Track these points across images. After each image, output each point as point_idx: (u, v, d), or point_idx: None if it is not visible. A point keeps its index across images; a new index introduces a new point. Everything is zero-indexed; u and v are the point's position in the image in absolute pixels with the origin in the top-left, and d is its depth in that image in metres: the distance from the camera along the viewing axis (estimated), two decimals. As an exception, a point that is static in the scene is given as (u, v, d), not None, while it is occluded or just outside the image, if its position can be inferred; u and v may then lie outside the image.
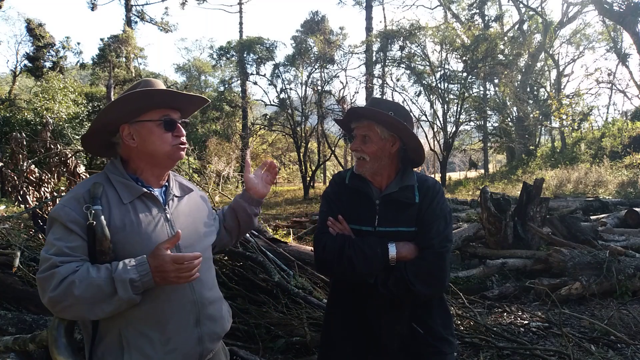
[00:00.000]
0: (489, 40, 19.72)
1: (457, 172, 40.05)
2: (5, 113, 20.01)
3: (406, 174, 1.78)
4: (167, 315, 1.39)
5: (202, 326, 1.46)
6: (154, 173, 1.52)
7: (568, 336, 3.39)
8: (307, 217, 11.41)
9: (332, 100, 23.99)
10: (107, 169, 1.51)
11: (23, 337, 2.23)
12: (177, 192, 1.58)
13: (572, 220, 6.22)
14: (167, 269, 1.31)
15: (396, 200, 1.73)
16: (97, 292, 1.27)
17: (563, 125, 21.94)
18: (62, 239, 1.35)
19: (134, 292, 1.30)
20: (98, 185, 1.42)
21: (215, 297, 1.57)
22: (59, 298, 1.28)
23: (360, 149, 1.73)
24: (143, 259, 1.33)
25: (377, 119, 1.72)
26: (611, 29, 25.35)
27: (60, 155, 5.36)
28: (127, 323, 1.37)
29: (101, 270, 1.30)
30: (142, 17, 28.71)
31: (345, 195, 1.81)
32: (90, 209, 1.35)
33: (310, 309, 3.34)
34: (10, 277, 3.17)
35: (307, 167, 23.51)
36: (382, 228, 1.71)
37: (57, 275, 1.28)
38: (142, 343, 1.37)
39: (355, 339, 1.74)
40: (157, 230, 1.43)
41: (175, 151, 1.50)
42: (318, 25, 26.75)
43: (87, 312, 1.31)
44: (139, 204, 1.44)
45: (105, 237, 1.34)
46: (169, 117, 1.49)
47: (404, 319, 1.70)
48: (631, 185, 13.50)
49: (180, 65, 32.41)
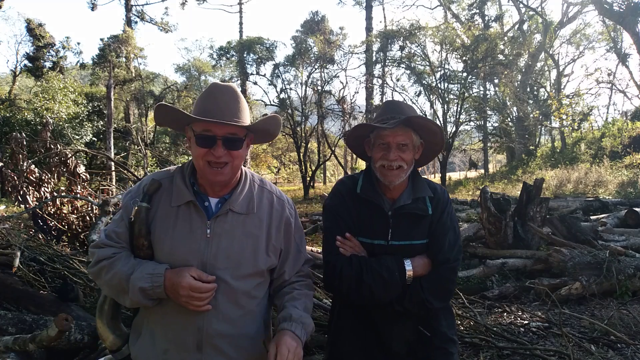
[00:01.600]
0: (489, 40, 19.70)
1: (457, 172, 40.06)
2: (5, 113, 20.00)
3: (417, 183, 1.73)
4: (170, 327, 1.39)
5: (204, 354, 1.37)
6: (207, 184, 1.42)
7: (568, 336, 3.38)
8: (307, 217, 11.40)
9: (332, 100, 24.00)
10: (182, 165, 1.49)
11: (23, 337, 2.23)
12: (238, 208, 1.41)
13: (572, 220, 6.22)
14: (180, 292, 1.30)
15: (410, 213, 1.67)
16: (119, 284, 1.34)
17: (563, 125, 21.93)
18: (116, 222, 1.44)
19: (145, 299, 1.33)
20: (154, 183, 1.42)
21: (234, 333, 1.39)
22: (94, 275, 1.42)
23: (399, 157, 1.62)
24: (161, 269, 1.33)
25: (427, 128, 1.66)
26: (611, 29, 25.33)
27: (60, 155, 5.37)
28: (148, 315, 1.43)
29: (128, 265, 1.35)
30: (142, 17, 28.69)
31: (354, 206, 1.70)
32: (137, 204, 1.38)
33: (310, 309, 3.34)
34: (10, 277, 3.17)
35: (307, 167, 23.51)
36: (396, 242, 1.66)
37: (96, 255, 1.39)
38: (148, 339, 1.42)
39: (365, 346, 1.71)
40: (190, 242, 1.36)
41: (206, 169, 1.35)
42: (318, 25, 26.77)
43: (114, 295, 1.41)
44: (184, 210, 1.39)
45: (142, 234, 1.37)
46: (207, 134, 1.33)
47: (411, 326, 1.69)
48: (631, 185, 13.49)
49: (180, 65, 32.35)
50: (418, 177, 1.76)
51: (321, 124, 23.49)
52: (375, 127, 1.66)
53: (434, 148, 1.76)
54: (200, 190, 1.43)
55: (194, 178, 1.45)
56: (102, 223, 3.75)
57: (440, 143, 1.74)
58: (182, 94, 27.60)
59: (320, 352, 2.99)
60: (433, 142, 1.73)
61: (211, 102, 1.35)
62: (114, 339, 1.50)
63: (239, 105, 1.38)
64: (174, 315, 1.37)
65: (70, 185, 5.43)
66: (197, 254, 1.36)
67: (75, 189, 5.34)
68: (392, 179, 1.62)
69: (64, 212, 5.18)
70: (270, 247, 1.46)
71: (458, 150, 29.99)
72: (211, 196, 1.43)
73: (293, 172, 37.98)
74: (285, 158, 35.71)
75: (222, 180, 1.38)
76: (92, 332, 2.49)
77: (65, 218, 5.16)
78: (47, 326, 2.23)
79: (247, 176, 1.50)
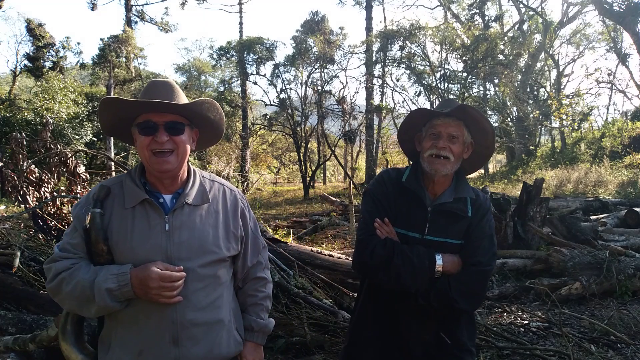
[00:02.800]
0: (489, 40, 19.71)
1: (457, 172, 39.98)
2: (5, 113, 19.99)
3: (461, 184, 1.73)
4: (143, 326, 1.37)
5: (181, 347, 1.38)
6: (157, 179, 1.46)
7: (568, 336, 3.38)
8: (307, 217, 11.41)
9: (332, 100, 24.00)
10: (130, 170, 1.51)
11: (23, 337, 2.23)
12: (192, 201, 1.46)
13: (572, 220, 6.22)
14: (150, 285, 1.30)
15: (449, 212, 1.67)
16: (82, 292, 1.31)
17: (563, 125, 21.93)
18: (69, 234, 1.42)
19: (112, 301, 1.31)
20: (103, 189, 1.43)
21: (209, 319, 1.43)
22: (54, 291, 1.36)
23: (449, 147, 1.63)
24: (126, 268, 1.33)
25: (480, 124, 1.67)
26: (611, 29, 25.33)
27: (60, 155, 5.36)
28: (116, 323, 1.40)
29: (90, 272, 1.33)
30: (142, 17, 28.67)
31: (395, 195, 1.72)
32: (89, 211, 1.37)
33: (310, 309, 3.34)
34: (10, 277, 3.17)
35: (307, 167, 23.51)
36: (431, 237, 1.66)
37: (53, 269, 1.36)
38: (120, 346, 1.39)
39: (385, 340, 1.71)
40: (150, 239, 1.38)
41: (152, 160, 1.39)
42: (318, 25, 26.72)
43: (77, 308, 1.37)
44: (140, 210, 1.41)
45: (99, 240, 1.36)
46: (148, 122, 1.39)
47: (432, 328, 1.67)
48: (631, 185, 13.48)
49: (180, 65, 32.42)
50: (463, 178, 1.76)
51: (321, 124, 23.48)
52: (430, 115, 1.69)
53: (484, 152, 1.77)
54: (152, 189, 1.46)
55: (145, 178, 1.47)
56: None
57: (490, 147, 1.74)
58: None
59: (320, 352, 2.99)
60: (483, 145, 1.74)
61: (150, 94, 1.41)
62: (83, 358, 1.47)
63: (175, 94, 1.44)
64: (145, 314, 1.36)
65: (70, 185, 5.42)
66: (159, 249, 1.37)
67: (75, 189, 5.34)
68: (438, 167, 1.63)
69: (64, 212, 5.18)
70: (229, 234, 1.51)
71: (458, 150, 29.93)
72: (164, 193, 1.46)
73: (293, 172, 37.97)
74: (285, 158, 35.70)
75: (168, 168, 1.40)
76: (92, 332, 2.49)
77: (65, 218, 5.15)
78: (47, 326, 2.23)
79: (196, 172, 1.55)
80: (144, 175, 1.48)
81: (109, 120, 1.48)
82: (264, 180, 28.79)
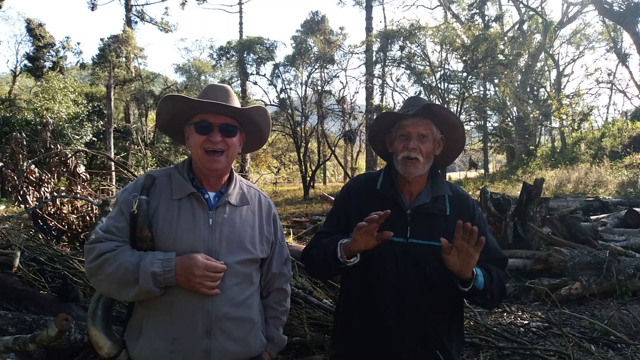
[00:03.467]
0: (489, 40, 19.69)
1: (457, 172, 40.03)
2: (5, 113, 19.98)
3: (437, 181, 1.72)
4: (178, 315, 1.41)
5: (213, 339, 1.42)
6: (204, 177, 1.54)
7: (568, 336, 3.38)
8: (307, 217, 11.40)
9: (332, 100, 24.01)
10: (177, 164, 1.59)
11: (23, 337, 2.23)
12: (233, 201, 1.55)
13: (572, 220, 6.22)
14: (195, 273, 1.36)
15: (428, 213, 1.66)
16: (125, 274, 1.35)
17: (563, 125, 21.92)
18: (114, 218, 1.46)
19: (155, 285, 1.35)
20: (149, 178, 1.51)
21: (240, 315, 1.49)
22: (94, 270, 1.39)
23: (419, 148, 1.63)
24: (171, 255, 1.39)
25: (448, 120, 1.67)
26: (611, 29, 25.32)
27: (60, 155, 5.37)
28: (149, 311, 1.44)
29: (134, 255, 1.38)
30: (142, 17, 28.65)
31: (370, 202, 1.68)
32: (136, 198, 1.44)
33: (310, 309, 3.34)
34: (10, 277, 3.17)
35: (307, 167, 23.51)
36: (415, 240, 1.64)
37: (97, 249, 1.39)
38: (153, 333, 1.42)
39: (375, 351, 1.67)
40: (194, 231, 1.45)
41: (204, 157, 1.47)
42: (318, 25, 26.73)
43: (115, 291, 1.40)
44: (186, 202, 1.49)
45: (144, 226, 1.42)
46: (205, 122, 1.48)
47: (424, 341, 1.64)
48: (631, 185, 13.49)
49: (180, 65, 32.30)
50: (438, 176, 1.76)
51: (321, 124, 23.50)
52: (397, 117, 1.69)
53: (455, 145, 1.77)
54: (199, 185, 1.54)
55: (192, 174, 1.55)
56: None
57: (461, 140, 1.74)
58: (182, 94, 27.57)
59: (320, 352, 2.99)
60: (454, 139, 1.74)
61: (208, 96, 1.51)
62: (111, 345, 1.45)
63: (231, 98, 1.55)
64: (182, 302, 1.41)
65: (70, 185, 5.42)
66: (202, 241, 1.44)
67: (75, 189, 5.34)
68: (411, 170, 1.63)
69: (64, 212, 5.18)
70: (263, 237, 1.60)
71: (458, 150, 29.92)
72: (209, 190, 1.55)
73: (293, 172, 37.95)
74: (285, 158, 35.68)
75: (218, 168, 1.49)
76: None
77: (65, 218, 5.15)
78: (47, 326, 2.23)
79: (236, 175, 1.65)
80: (191, 170, 1.56)
81: (167, 116, 1.56)
82: (264, 180, 28.79)
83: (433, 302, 1.64)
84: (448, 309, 1.68)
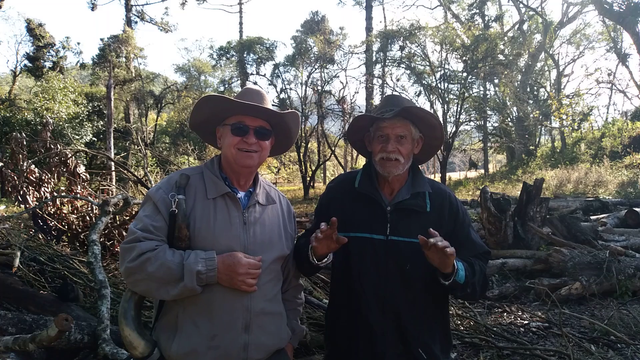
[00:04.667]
0: (489, 40, 19.68)
1: (457, 172, 40.04)
2: (5, 113, 19.97)
3: (417, 178, 1.72)
4: (217, 312, 1.44)
5: (250, 334, 1.47)
6: (235, 176, 1.58)
7: (568, 336, 3.38)
8: (307, 217, 11.40)
9: (332, 100, 23.99)
10: (206, 163, 1.62)
11: (23, 337, 2.23)
12: (261, 200, 1.61)
13: (572, 220, 6.22)
14: (238, 271, 1.40)
15: (408, 209, 1.66)
16: (167, 273, 1.36)
17: (563, 125, 21.91)
18: (150, 216, 1.46)
19: (198, 283, 1.38)
20: (184, 177, 1.53)
21: (273, 310, 1.57)
22: (134, 270, 1.39)
23: (398, 149, 1.63)
24: (213, 254, 1.42)
25: (426, 120, 1.67)
26: (611, 29, 25.33)
27: (60, 155, 5.37)
28: (184, 308, 1.45)
29: (175, 254, 1.40)
30: (142, 17, 28.65)
31: (349, 201, 1.71)
32: (175, 197, 1.46)
33: (310, 309, 3.34)
34: (10, 277, 3.17)
35: (307, 167, 23.52)
36: (395, 237, 1.64)
37: (137, 248, 1.39)
38: (192, 330, 1.44)
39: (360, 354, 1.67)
40: (231, 230, 1.49)
41: (238, 155, 1.52)
42: (318, 25, 26.76)
43: (155, 290, 1.40)
44: (221, 202, 1.52)
45: (184, 225, 1.44)
46: (241, 124, 1.53)
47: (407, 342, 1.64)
48: (631, 185, 13.50)
49: (180, 66, 32.29)
50: (418, 172, 1.75)
51: (321, 124, 23.49)
52: (374, 119, 1.68)
53: (434, 143, 1.76)
54: (231, 184, 1.58)
55: (224, 173, 1.60)
56: (102, 223, 3.73)
57: (439, 138, 1.74)
58: (182, 94, 27.59)
59: (320, 352, 2.99)
60: (432, 137, 1.73)
61: (247, 98, 1.56)
62: (145, 344, 1.45)
63: (265, 102, 1.61)
64: (221, 299, 1.44)
65: (70, 185, 5.42)
66: (238, 240, 1.48)
67: (75, 189, 5.34)
68: (391, 170, 1.64)
69: (64, 212, 5.17)
70: (288, 234, 1.67)
71: (458, 150, 29.94)
72: (239, 189, 1.59)
73: (293, 172, 37.94)
74: (285, 158, 35.67)
75: (250, 164, 1.54)
76: (92, 332, 2.49)
77: (65, 218, 5.15)
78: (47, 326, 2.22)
79: (259, 176, 1.70)
80: (222, 170, 1.59)
81: (203, 115, 1.59)
82: (264, 180, 28.68)
83: (413, 300, 1.64)
84: (429, 307, 1.67)
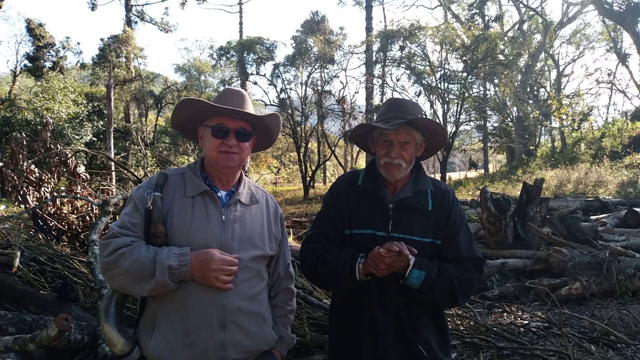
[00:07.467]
0: (489, 40, 19.68)
1: (457, 172, 40.04)
2: (5, 113, 19.96)
3: (419, 177, 1.76)
4: (192, 309, 1.44)
5: (227, 332, 1.46)
6: (217, 175, 1.60)
7: (568, 336, 3.38)
8: (307, 217, 11.41)
9: (332, 100, 23.99)
10: (190, 164, 1.66)
11: (23, 337, 2.23)
12: (243, 199, 1.62)
13: (572, 220, 6.22)
14: (211, 267, 1.40)
15: (410, 207, 1.70)
16: (141, 269, 1.38)
17: (563, 125, 21.89)
18: (128, 214, 1.51)
19: (170, 279, 1.38)
20: (162, 176, 1.56)
21: (253, 310, 1.53)
22: (110, 265, 1.41)
23: (401, 155, 1.67)
24: (187, 250, 1.43)
25: (429, 128, 1.71)
26: (611, 29, 25.33)
27: (60, 155, 5.36)
28: (162, 306, 1.46)
29: (150, 250, 1.42)
30: (142, 17, 28.64)
31: (354, 199, 1.76)
32: (151, 194, 1.49)
33: (310, 309, 3.34)
34: (10, 277, 3.17)
35: (307, 167, 23.51)
36: (396, 234, 1.67)
37: (113, 244, 1.42)
38: (167, 328, 1.44)
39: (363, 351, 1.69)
40: (208, 227, 1.50)
41: (219, 157, 1.54)
42: (318, 25, 26.75)
43: (129, 285, 1.42)
44: (199, 200, 1.54)
45: (159, 222, 1.46)
46: (222, 127, 1.54)
47: (405, 335, 1.67)
48: (631, 185, 13.49)
49: (180, 65, 32.27)
50: (421, 171, 1.79)
51: (321, 124, 23.50)
52: (378, 128, 1.71)
53: (436, 145, 1.81)
54: (211, 183, 1.59)
55: (205, 173, 1.62)
56: (102, 223, 3.73)
57: (442, 140, 1.78)
58: (182, 94, 27.58)
59: (320, 352, 2.99)
60: (435, 140, 1.78)
61: (224, 100, 1.57)
62: (125, 342, 1.46)
63: (246, 103, 1.61)
64: (196, 296, 1.44)
65: (70, 185, 5.42)
66: (215, 237, 1.49)
67: (75, 189, 5.34)
68: (394, 172, 1.69)
69: (64, 212, 5.17)
70: (272, 235, 1.66)
71: (458, 150, 29.97)
72: (220, 189, 1.61)
73: (293, 172, 37.93)
74: (285, 158, 35.66)
75: (232, 165, 1.56)
76: (92, 332, 2.49)
77: (65, 218, 5.15)
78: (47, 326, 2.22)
79: (245, 177, 1.71)
80: (204, 170, 1.62)
81: (184, 116, 1.61)
82: (264, 180, 28.79)
83: (412, 297, 1.66)
84: (427, 305, 1.70)
